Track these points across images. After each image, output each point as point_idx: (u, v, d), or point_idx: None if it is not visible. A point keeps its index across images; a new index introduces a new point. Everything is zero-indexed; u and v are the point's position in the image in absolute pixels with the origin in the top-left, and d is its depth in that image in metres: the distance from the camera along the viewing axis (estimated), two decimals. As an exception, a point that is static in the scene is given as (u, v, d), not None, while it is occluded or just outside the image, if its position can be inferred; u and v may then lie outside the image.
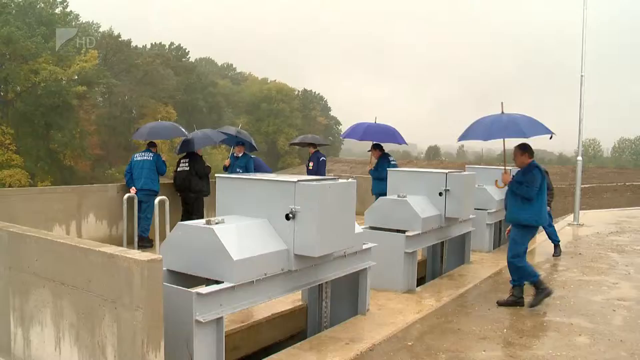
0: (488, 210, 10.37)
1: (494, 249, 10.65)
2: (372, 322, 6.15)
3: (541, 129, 7.40)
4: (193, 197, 10.27)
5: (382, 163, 10.72)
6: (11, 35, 47.18)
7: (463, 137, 7.86)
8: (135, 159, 10.07)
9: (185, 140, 10.62)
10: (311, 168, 11.77)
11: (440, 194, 8.09)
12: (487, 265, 9.28)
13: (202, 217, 9.72)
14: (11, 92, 53.14)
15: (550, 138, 7.56)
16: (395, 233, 7.46)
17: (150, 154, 10.04)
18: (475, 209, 9.13)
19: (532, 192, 6.75)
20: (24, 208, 8.39)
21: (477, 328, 5.97)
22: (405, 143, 10.96)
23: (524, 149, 7.14)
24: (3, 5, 51.18)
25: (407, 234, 7.41)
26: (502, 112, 7.66)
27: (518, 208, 6.87)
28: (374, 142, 10.74)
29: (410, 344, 5.47)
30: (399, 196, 7.84)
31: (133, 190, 9.64)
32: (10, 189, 26.01)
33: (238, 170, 10.71)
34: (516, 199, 6.91)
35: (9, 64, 49.54)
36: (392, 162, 10.81)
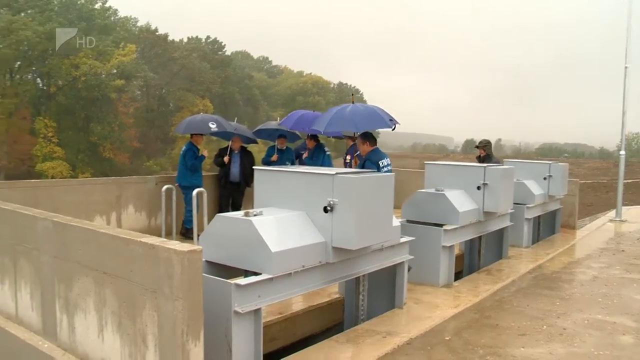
0: (527, 205, 10.19)
1: (532, 244, 10.48)
2: (409, 316, 6.12)
3: (379, 123, 7.77)
4: None
5: (317, 153, 10.65)
6: (54, 32, 48.26)
7: (313, 125, 8.44)
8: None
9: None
10: (349, 161, 11.76)
11: (479, 187, 8.01)
12: (525, 260, 9.15)
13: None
14: (53, 86, 54.49)
15: (393, 129, 7.97)
16: (433, 227, 7.39)
17: (184, 147, 10.09)
18: (514, 203, 8.99)
19: None
20: (67, 199, 8.58)
21: (516, 324, 5.88)
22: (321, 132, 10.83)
23: (365, 137, 7.44)
24: (46, 3, 52.47)
25: (444, 227, 7.34)
26: (353, 103, 8.03)
27: None
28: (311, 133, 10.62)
29: (447, 338, 5.43)
30: (436, 190, 7.77)
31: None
32: (53, 180, 26.69)
33: (287, 163, 10.72)
34: None
35: (51, 59, 50.74)
36: (327, 153, 10.82)
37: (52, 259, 4.67)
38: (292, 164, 10.72)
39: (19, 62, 51.45)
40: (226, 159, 10.45)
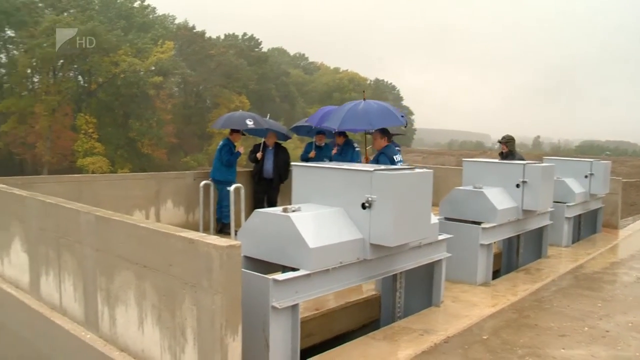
0: (567, 204, 9.99)
1: (572, 243, 10.27)
2: (446, 314, 6.06)
3: (393, 120, 7.97)
4: None
5: (346, 149, 10.48)
6: (95, 30, 49.39)
7: (326, 122, 8.67)
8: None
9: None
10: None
11: (518, 185, 7.89)
12: (565, 260, 8.97)
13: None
14: (94, 83, 55.67)
15: (405, 127, 8.47)
16: (471, 224, 7.32)
17: (221, 142, 10.19)
18: (554, 201, 8.83)
19: None
20: (108, 193, 8.77)
21: (556, 324, 5.78)
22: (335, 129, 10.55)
23: (383, 132, 7.62)
24: (88, 2, 53.70)
25: (482, 225, 7.26)
26: (364, 99, 8.24)
27: None
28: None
29: (485, 337, 5.36)
30: (475, 187, 7.69)
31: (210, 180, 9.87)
32: (96, 175, 27.26)
33: (325, 159, 10.69)
34: None
35: (92, 56, 51.83)
36: (357, 149, 10.64)
37: (94, 252, 4.76)
38: (331, 160, 10.71)
39: (61, 60, 52.71)
40: (259, 155, 10.53)
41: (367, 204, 4.80)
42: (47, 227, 5.51)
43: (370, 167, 5.13)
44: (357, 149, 10.67)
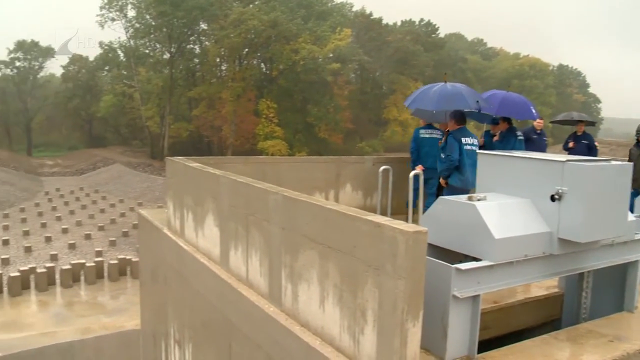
0: None
1: None
2: (641, 321, 5.55)
3: (460, 103, 8.14)
4: None
5: (508, 136, 9.76)
6: (277, 19, 52.05)
7: (412, 104, 8.82)
8: (421, 135, 9.81)
9: None
10: (572, 147, 11.07)
11: None
12: None
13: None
14: (275, 70, 58.69)
15: (479, 111, 8.52)
16: (674, 225, 6.60)
17: (438, 131, 9.75)
18: None
19: (445, 161, 7.98)
20: (290, 175, 9.17)
21: None
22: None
23: (452, 115, 8.08)
24: (271, -6, 56.82)
25: (688, 226, 6.52)
26: (445, 82, 8.51)
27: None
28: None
29: (691, 353, 4.82)
30: (678, 184, 6.94)
31: (420, 168, 9.47)
32: (279, 157, 28.76)
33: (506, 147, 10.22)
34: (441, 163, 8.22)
35: (274, 45, 54.67)
36: (520, 137, 9.86)
37: (280, 230, 4.98)
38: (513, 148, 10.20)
39: (246, 49, 56.26)
40: None
41: (556, 196, 4.54)
42: (238, 205, 5.88)
43: (561, 157, 4.84)
44: (520, 137, 10.08)
